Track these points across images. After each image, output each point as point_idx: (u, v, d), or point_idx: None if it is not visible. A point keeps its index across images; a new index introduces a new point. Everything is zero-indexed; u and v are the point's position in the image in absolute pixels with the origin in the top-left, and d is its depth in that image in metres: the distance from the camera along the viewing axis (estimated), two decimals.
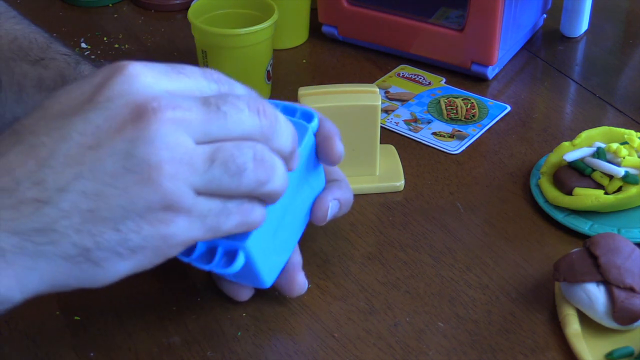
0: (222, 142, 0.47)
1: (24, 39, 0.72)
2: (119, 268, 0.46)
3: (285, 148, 0.51)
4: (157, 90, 0.46)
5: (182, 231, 0.46)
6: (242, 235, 0.53)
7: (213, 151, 0.46)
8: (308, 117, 0.58)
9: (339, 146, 0.59)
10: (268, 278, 0.58)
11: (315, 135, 0.59)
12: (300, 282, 0.61)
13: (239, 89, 0.51)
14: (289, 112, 0.58)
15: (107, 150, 0.44)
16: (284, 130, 0.50)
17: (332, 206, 0.61)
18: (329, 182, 0.63)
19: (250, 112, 0.48)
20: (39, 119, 0.45)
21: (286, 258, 0.60)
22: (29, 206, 0.43)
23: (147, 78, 0.46)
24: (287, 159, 0.51)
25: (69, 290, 0.47)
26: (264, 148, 0.49)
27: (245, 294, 0.62)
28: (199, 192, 0.47)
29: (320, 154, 0.59)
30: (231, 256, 0.53)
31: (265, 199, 0.51)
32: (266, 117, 0.49)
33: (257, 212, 0.50)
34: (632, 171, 0.69)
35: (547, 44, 0.97)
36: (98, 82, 0.46)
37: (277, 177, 0.50)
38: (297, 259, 0.62)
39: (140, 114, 0.44)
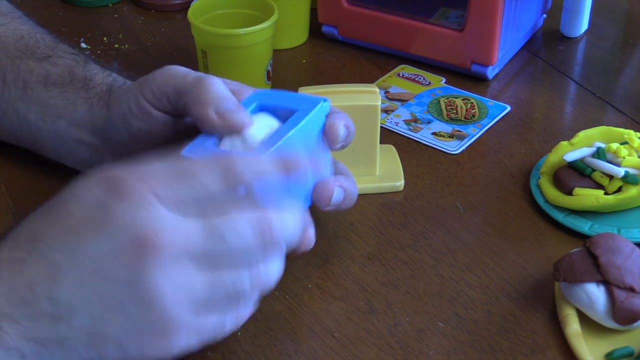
0: (222, 269, 0.48)
1: (30, 38, 0.73)
2: None
3: (289, 245, 0.53)
4: (161, 219, 0.46)
5: (180, 344, 0.48)
6: None
7: (214, 278, 0.48)
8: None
9: (340, 126, 0.60)
10: None
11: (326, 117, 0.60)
12: (310, 237, 0.61)
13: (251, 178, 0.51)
14: (301, 101, 0.59)
15: (112, 279, 0.46)
16: (289, 234, 0.52)
17: (337, 192, 0.60)
18: (336, 174, 0.62)
19: (253, 234, 0.49)
20: (51, 227, 0.47)
21: None
22: (45, 319, 0.46)
23: (151, 206, 0.46)
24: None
25: None
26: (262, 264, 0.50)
27: None
28: (198, 310, 0.48)
29: (325, 134, 0.60)
30: None
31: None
32: (271, 235, 0.49)
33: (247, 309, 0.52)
34: (632, 171, 0.69)
35: (547, 44, 0.97)
36: (101, 198, 0.47)
37: (273, 281, 0.52)
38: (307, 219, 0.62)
39: (144, 246, 0.46)
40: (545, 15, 0.99)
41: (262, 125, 0.58)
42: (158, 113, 0.62)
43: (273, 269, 0.51)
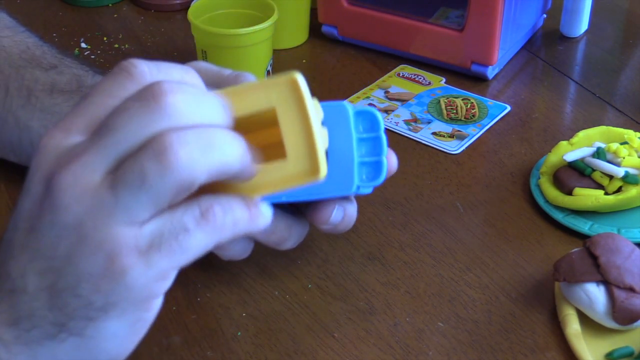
0: (127, 159, 0.43)
1: (37, 49, 0.73)
2: (106, 333, 0.45)
3: (212, 118, 0.45)
4: (59, 150, 0.44)
5: (142, 273, 0.44)
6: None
7: (117, 169, 0.43)
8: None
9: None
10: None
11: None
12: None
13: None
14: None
15: (39, 228, 0.44)
16: (200, 103, 0.44)
17: (337, 212, 0.59)
18: None
19: (138, 104, 0.43)
20: None
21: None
22: (8, 297, 0.45)
23: (53, 144, 0.45)
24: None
25: None
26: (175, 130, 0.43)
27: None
28: (125, 208, 0.43)
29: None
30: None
31: (231, 178, 0.45)
32: (159, 98, 0.43)
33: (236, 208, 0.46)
34: (632, 171, 0.69)
35: (547, 44, 0.97)
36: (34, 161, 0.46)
37: (220, 146, 0.44)
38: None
39: (48, 184, 0.44)
40: (545, 15, 0.99)
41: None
42: None
43: (190, 135, 0.43)
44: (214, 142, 0.43)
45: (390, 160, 0.59)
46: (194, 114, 0.44)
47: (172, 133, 0.42)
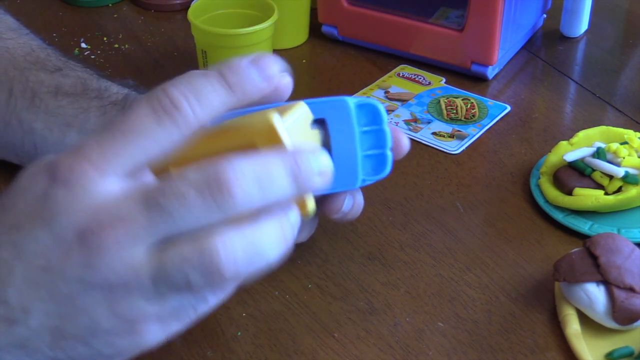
0: (175, 243, 0.42)
1: (41, 52, 0.72)
2: None
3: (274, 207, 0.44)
4: (102, 200, 0.42)
5: (156, 334, 0.44)
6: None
7: (162, 258, 0.42)
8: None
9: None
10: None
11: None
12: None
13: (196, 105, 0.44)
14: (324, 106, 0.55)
15: (60, 274, 0.42)
16: (259, 194, 0.43)
17: (347, 201, 0.59)
18: None
19: (198, 197, 0.41)
20: None
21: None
22: (1, 323, 0.43)
23: (92, 184, 0.42)
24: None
25: None
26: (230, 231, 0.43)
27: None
28: (159, 294, 0.43)
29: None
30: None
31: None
32: (222, 192, 0.42)
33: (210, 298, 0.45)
34: (632, 171, 0.69)
35: (547, 44, 0.97)
36: (44, 187, 0.43)
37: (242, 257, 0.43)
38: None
39: (84, 238, 0.42)
40: (545, 15, 0.99)
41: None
42: None
43: (238, 244, 0.43)
44: (262, 249, 0.43)
45: (402, 141, 0.58)
46: (257, 202, 0.43)
47: (226, 245, 0.42)
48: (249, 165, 0.42)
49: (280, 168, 0.43)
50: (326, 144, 0.54)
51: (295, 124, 0.50)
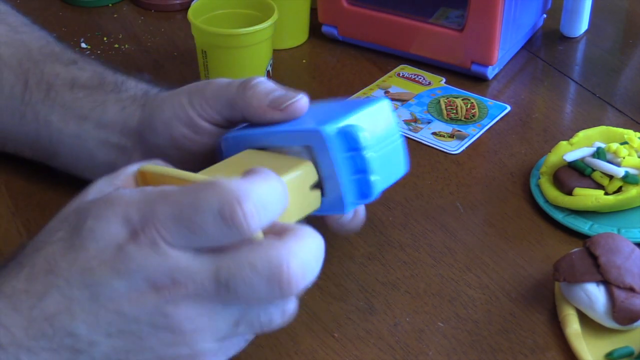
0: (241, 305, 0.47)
1: (56, 45, 0.73)
2: None
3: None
4: (173, 262, 0.45)
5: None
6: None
7: (233, 312, 0.47)
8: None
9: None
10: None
11: None
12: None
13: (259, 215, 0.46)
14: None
15: (132, 318, 0.45)
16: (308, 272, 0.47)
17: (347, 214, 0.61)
18: None
19: (267, 285, 0.45)
20: (68, 262, 0.46)
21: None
22: (66, 351, 0.46)
23: (162, 250, 0.45)
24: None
25: None
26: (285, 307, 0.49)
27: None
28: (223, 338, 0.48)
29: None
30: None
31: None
32: (286, 284, 0.45)
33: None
34: (632, 171, 0.69)
35: (547, 44, 0.97)
36: (118, 239, 0.45)
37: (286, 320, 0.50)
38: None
39: (158, 289, 0.45)
40: (545, 15, 0.99)
41: None
42: (205, 124, 0.62)
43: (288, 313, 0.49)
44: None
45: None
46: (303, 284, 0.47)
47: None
48: (305, 255, 0.46)
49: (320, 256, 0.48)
50: (317, 170, 0.55)
51: (294, 184, 0.53)
